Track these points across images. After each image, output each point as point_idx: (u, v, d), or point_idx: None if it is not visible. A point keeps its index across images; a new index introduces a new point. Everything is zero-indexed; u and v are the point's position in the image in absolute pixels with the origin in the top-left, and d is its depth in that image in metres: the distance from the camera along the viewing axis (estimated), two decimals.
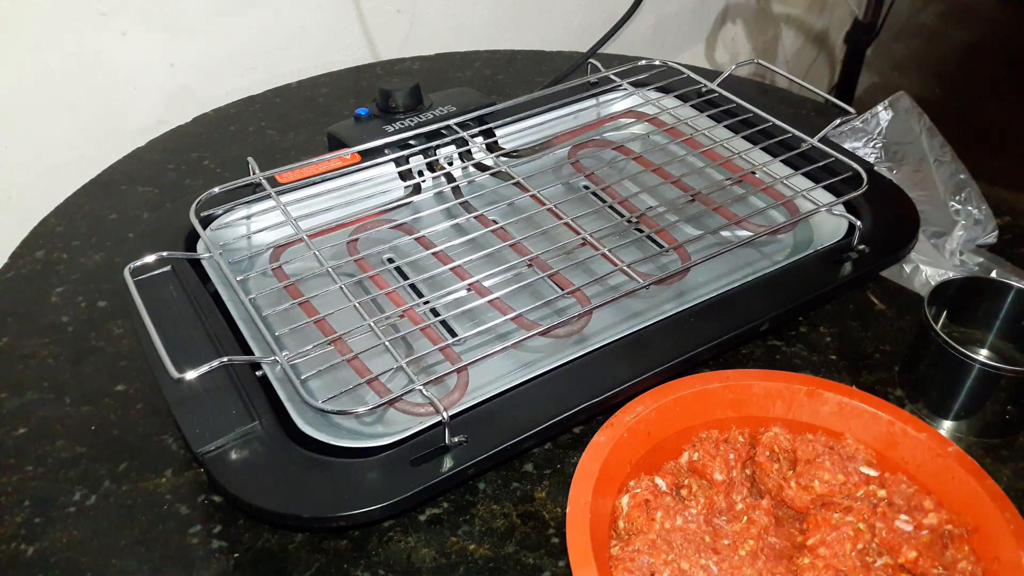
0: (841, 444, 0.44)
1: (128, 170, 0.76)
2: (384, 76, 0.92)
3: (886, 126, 0.73)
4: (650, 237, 0.61)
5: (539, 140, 0.70)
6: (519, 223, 0.58)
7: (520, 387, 0.48)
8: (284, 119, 0.84)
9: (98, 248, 0.67)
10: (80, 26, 0.80)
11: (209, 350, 0.49)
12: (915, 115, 0.72)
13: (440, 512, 0.47)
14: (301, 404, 0.47)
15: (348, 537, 0.46)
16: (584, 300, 0.54)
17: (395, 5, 1.01)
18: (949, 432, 0.52)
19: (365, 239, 0.62)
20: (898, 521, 0.40)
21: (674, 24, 1.35)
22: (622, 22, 0.84)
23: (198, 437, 0.44)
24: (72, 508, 0.48)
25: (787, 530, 0.41)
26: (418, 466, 0.43)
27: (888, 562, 0.38)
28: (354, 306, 0.50)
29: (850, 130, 0.73)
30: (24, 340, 0.58)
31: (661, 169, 0.65)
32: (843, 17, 1.62)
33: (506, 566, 0.44)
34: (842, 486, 0.42)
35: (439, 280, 0.57)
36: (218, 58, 0.90)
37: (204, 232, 0.57)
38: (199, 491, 0.48)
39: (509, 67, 0.94)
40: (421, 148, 0.65)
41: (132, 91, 0.86)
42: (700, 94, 0.72)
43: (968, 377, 0.49)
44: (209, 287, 0.55)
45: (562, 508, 0.47)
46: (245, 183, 0.60)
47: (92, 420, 0.53)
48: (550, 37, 1.17)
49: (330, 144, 0.67)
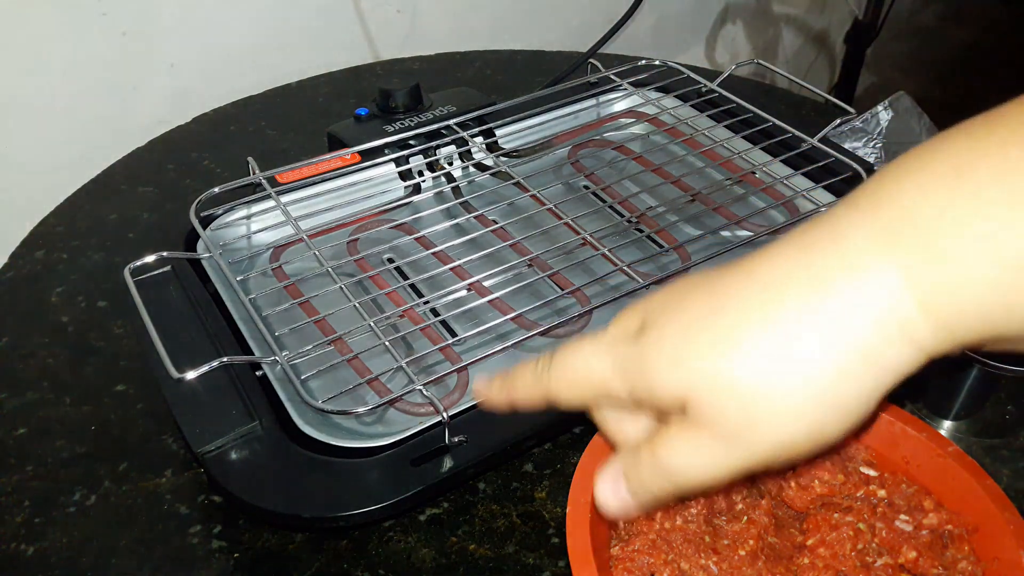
0: (841, 444, 0.44)
1: (128, 170, 0.76)
2: (384, 76, 0.92)
3: (886, 126, 0.73)
4: (650, 237, 0.61)
5: (539, 140, 0.70)
6: (519, 223, 0.58)
7: None
8: (284, 119, 0.84)
9: (98, 248, 0.67)
10: (80, 26, 0.80)
11: (209, 350, 0.49)
12: (915, 115, 0.72)
13: (440, 512, 0.47)
14: (301, 404, 0.47)
15: (348, 537, 0.46)
16: (584, 300, 0.54)
17: (395, 5, 1.01)
18: (949, 432, 0.52)
19: (365, 239, 0.62)
20: (898, 521, 0.40)
21: (674, 24, 1.35)
22: (622, 22, 0.84)
23: (198, 437, 0.44)
24: (72, 508, 0.48)
25: (787, 530, 0.41)
26: (418, 466, 0.43)
27: (888, 562, 0.38)
28: (354, 306, 0.50)
29: (850, 130, 0.73)
30: (24, 340, 0.58)
31: (661, 169, 0.65)
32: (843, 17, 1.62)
33: (506, 566, 0.44)
34: (842, 486, 0.42)
35: (439, 280, 0.57)
36: (218, 58, 0.90)
37: (204, 232, 0.57)
38: (199, 491, 0.48)
39: (509, 67, 0.94)
40: (421, 148, 0.65)
41: (132, 91, 0.86)
42: (700, 94, 0.72)
43: (968, 377, 0.49)
44: (209, 287, 0.55)
45: (562, 508, 0.47)
46: (245, 183, 0.60)
47: (92, 420, 0.53)
48: (550, 37, 1.17)
49: (330, 144, 0.67)
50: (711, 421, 0.27)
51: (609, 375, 0.30)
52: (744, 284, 0.28)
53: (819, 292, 0.26)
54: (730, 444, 0.27)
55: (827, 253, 0.26)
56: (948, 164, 0.25)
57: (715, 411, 0.27)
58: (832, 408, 0.26)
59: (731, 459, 0.27)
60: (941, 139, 0.26)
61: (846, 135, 0.73)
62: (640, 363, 0.29)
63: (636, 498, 0.31)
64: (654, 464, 0.29)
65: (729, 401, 0.27)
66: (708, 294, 0.28)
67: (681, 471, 0.29)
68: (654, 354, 0.29)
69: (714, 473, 0.28)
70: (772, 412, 0.26)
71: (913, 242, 0.25)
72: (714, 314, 0.28)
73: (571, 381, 0.32)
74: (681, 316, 0.29)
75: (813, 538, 0.39)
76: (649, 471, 0.29)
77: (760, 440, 0.27)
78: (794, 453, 0.27)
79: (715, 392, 0.27)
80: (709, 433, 0.27)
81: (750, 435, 0.27)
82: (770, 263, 0.28)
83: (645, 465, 0.30)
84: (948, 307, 0.25)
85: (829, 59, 1.72)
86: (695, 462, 0.28)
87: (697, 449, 0.28)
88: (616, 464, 0.31)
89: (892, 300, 0.25)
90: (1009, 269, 0.24)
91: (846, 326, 0.26)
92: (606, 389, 0.31)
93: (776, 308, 0.26)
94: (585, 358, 0.31)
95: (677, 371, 0.28)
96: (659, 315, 0.30)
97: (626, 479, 0.31)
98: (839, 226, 0.27)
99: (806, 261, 0.27)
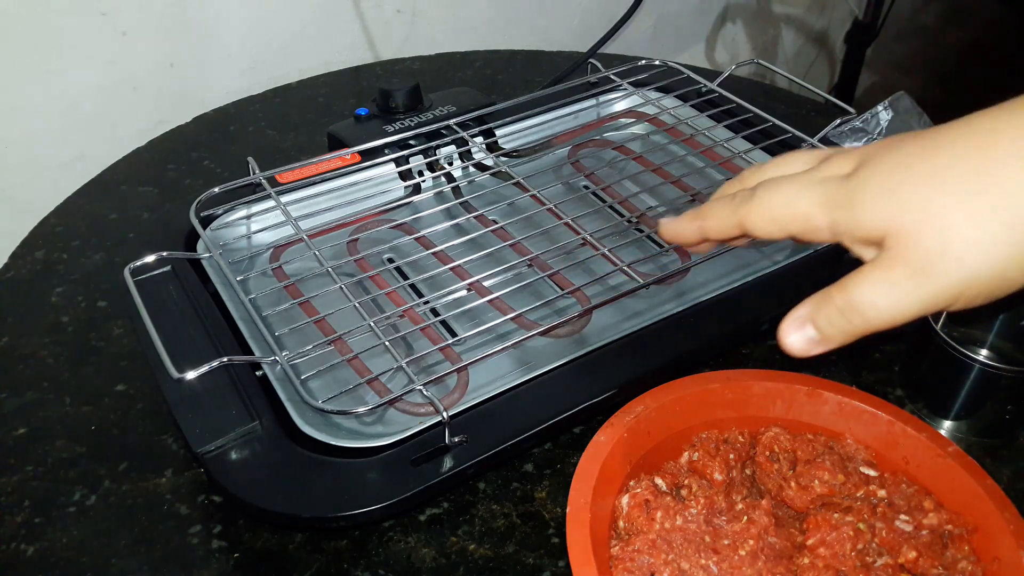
0: (841, 444, 0.44)
1: (128, 170, 0.76)
2: (384, 76, 0.92)
3: (886, 126, 0.73)
4: (650, 237, 0.61)
5: (539, 140, 0.70)
6: (519, 223, 0.58)
7: (520, 387, 0.48)
8: (284, 119, 0.84)
9: (98, 248, 0.67)
10: (80, 26, 0.80)
11: (209, 350, 0.49)
12: (915, 115, 0.72)
13: (440, 512, 0.47)
14: (301, 404, 0.47)
15: (348, 537, 0.46)
16: (584, 300, 0.54)
17: (395, 5, 1.01)
18: (949, 432, 0.52)
19: (365, 239, 0.62)
20: (898, 521, 0.40)
21: (674, 24, 1.35)
22: (622, 22, 0.84)
23: (198, 437, 0.44)
24: (72, 508, 0.48)
25: (787, 530, 0.41)
26: (418, 466, 0.43)
27: (888, 562, 0.38)
28: (354, 306, 0.50)
29: (850, 130, 0.73)
30: (24, 340, 0.58)
31: (661, 169, 0.65)
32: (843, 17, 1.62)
33: (506, 566, 0.44)
34: (842, 486, 0.42)
35: (439, 280, 0.57)
36: (218, 58, 0.90)
37: (204, 232, 0.57)
38: (199, 491, 0.48)
39: (509, 67, 0.94)
40: (421, 148, 0.65)
41: (132, 91, 0.86)
42: (700, 94, 0.72)
43: (968, 377, 0.49)
44: (209, 287, 0.55)
45: (562, 508, 0.47)
46: (245, 183, 0.60)
47: (92, 420, 0.53)
48: (550, 37, 1.17)
49: (330, 144, 0.67)
50: (908, 251, 0.29)
51: (814, 209, 0.32)
52: (961, 130, 0.29)
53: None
54: (922, 277, 0.29)
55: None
56: None
57: (914, 240, 0.29)
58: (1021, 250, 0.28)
59: (921, 293, 0.29)
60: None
61: (846, 135, 0.73)
62: (851, 195, 0.31)
63: (823, 334, 0.32)
64: (846, 300, 0.30)
65: (930, 229, 0.28)
66: (926, 138, 0.30)
67: (872, 305, 0.30)
68: (866, 185, 0.30)
69: (903, 308, 0.30)
70: (966, 243, 0.28)
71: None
72: (930, 153, 0.29)
73: (772, 215, 0.33)
74: (897, 155, 0.30)
75: (813, 538, 0.39)
76: (839, 308, 0.31)
77: (951, 272, 0.28)
78: (978, 292, 0.29)
79: (918, 221, 0.29)
80: (903, 266, 0.29)
81: (943, 265, 0.28)
82: (986, 115, 0.29)
83: (836, 301, 0.31)
84: None
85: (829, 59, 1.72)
86: (887, 295, 0.30)
87: (890, 284, 0.29)
88: (802, 307, 0.32)
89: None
90: None
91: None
92: (807, 223, 0.32)
93: (989, 151, 0.28)
94: (791, 194, 0.33)
95: (887, 199, 0.30)
96: (875, 155, 0.31)
97: (813, 318, 0.32)
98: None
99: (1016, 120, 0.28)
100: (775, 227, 0.34)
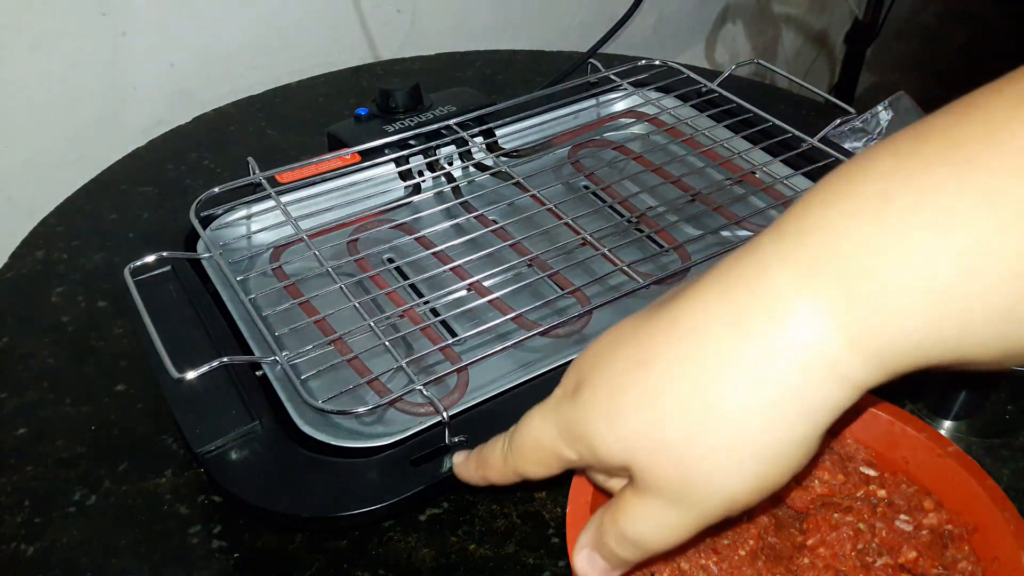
0: (841, 444, 0.44)
1: (128, 170, 0.76)
2: (384, 76, 0.92)
3: (886, 126, 0.73)
4: (650, 237, 0.61)
5: (539, 140, 0.70)
6: (519, 223, 0.58)
7: (520, 387, 0.48)
8: (284, 119, 0.84)
9: (98, 248, 0.67)
10: (80, 26, 0.80)
11: (209, 350, 0.49)
12: (915, 115, 0.72)
13: (440, 512, 0.47)
14: (301, 404, 0.47)
15: (348, 537, 0.46)
16: (584, 300, 0.54)
17: (395, 5, 1.01)
18: (949, 432, 0.52)
19: (365, 239, 0.62)
20: (898, 521, 0.40)
21: (674, 24, 1.35)
22: (622, 22, 0.84)
23: (198, 437, 0.44)
24: (72, 508, 0.48)
25: (787, 530, 0.41)
26: (418, 466, 0.43)
27: (888, 562, 0.38)
28: (354, 306, 0.50)
29: (850, 130, 0.73)
30: (24, 340, 0.58)
31: (661, 169, 0.65)
32: (843, 17, 1.62)
33: (506, 566, 0.44)
34: (842, 486, 0.42)
35: (439, 280, 0.57)
36: (218, 58, 0.90)
37: (204, 232, 0.57)
38: (199, 491, 0.48)
39: (509, 67, 0.94)
40: (421, 148, 0.65)
41: (132, 91, 0.86)
42: (700, 94, 0.72)
43: (968, 377, 0.49)
44: (209, 287, 0.55)
45: (562, 508, 0.47)
46: (245, 183, 0.60)
47: (92, 420, 0.53)
48: (550, 37, 1.17)
49: (330, 144, 0.67)
50: (656, 483, 0.27)
51: (558, 444, 0.30)
52: (667, 333, 0.27)
53: (740, 338, 0.25)
54: (678, 506, 0.27)
55: (750, 292, 0.25)
56: (874, 188, 0.24)
57: (655, 475, 0.26)
58: (769, 457, 0.25)
59: (685, 520, 0.27)
60: (871, 156, 0.25)
61: (846, 135, 0.73)
62: (581, 426, 0.28)
63: (612, 563, 0.30)
64: (617, 534, 0.29)
65: (665, 462, 0.26)
66: (635, 345, 0.28)
67: (642, 538, 0.28)
68: (591, 415, 0.28)
69: (673, 536, 0.28)
70: (708, 470, 0.25)
71: (837, 276, 0.24)
72: (639, 368, 0.27)
73: (530, 456, 0.31)
74: (610, 373, 0.28)
75: (813, 538, 0.39)
76: (615, 540, 0.29)
77: (705, 498, 0.26)
78: (744, 504, 0.27)
79: (651, 454, 0.26)
80: (656, 497, 0.27)
81: (694, 494, 0.26)
82: (692, 307, 0.27)
83: (610, 535, 0.29)
84: (877, 341, 0.24)
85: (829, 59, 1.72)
86: (652, 528, 0.28)
87: (651, 515, 0.27)
88: (583, 537, 0.31)
89: (817, 340, 0.24)
90: (938, 299, 0.22)
91: (770, 372, 0.25)
92: (565, 460, 0.30)
93: (698, 359, 0.26)
94: (535, 429, 0.31)
95: (613, 433, 0.27)
96: (590, 371, 0.29)
97: (598, 550, 0.30)
98: (764, 260, 0.26)
99: (727, 304, 0.26)
100: (543, 469, 0.31)
